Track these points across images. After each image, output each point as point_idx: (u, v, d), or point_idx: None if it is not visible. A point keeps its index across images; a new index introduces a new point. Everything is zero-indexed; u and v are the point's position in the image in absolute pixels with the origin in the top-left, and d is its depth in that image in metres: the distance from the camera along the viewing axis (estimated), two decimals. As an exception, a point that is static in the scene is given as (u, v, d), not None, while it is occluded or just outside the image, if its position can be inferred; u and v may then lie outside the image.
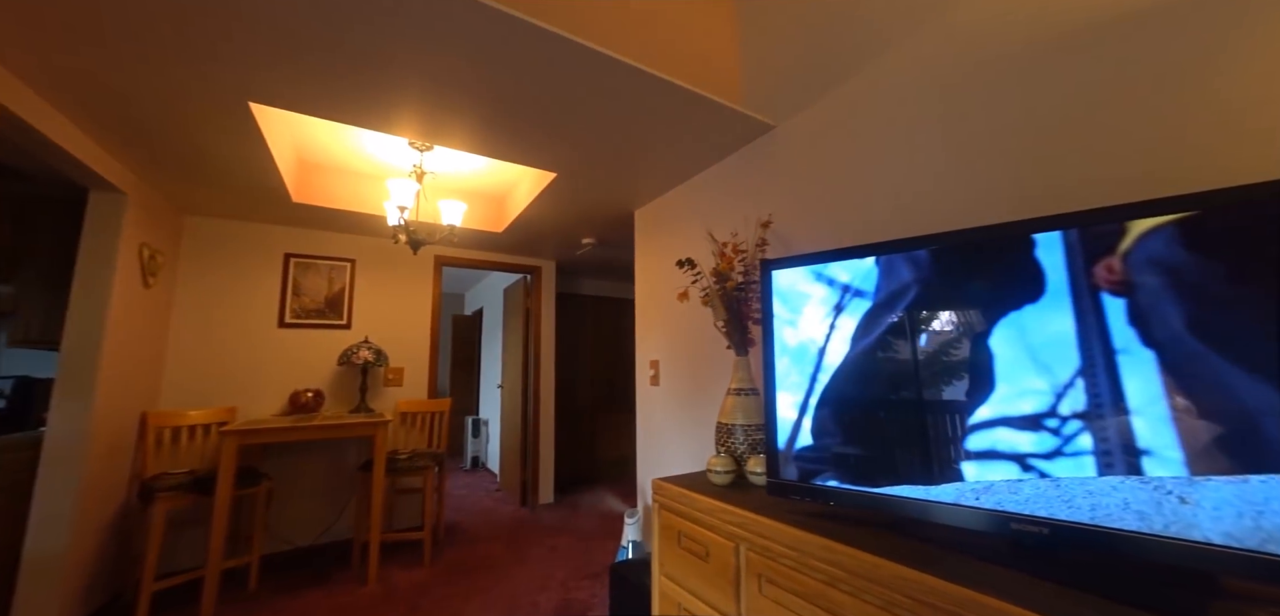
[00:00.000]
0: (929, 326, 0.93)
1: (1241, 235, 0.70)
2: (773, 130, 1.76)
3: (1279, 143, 0.77)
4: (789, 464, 1.06)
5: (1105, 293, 0.78)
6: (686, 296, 1.68)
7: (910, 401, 0.93)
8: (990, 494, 0.82)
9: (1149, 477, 0.70)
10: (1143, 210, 0.76)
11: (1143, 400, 0.72)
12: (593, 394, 5.13)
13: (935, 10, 1.24)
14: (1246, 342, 0.67)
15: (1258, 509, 0.63)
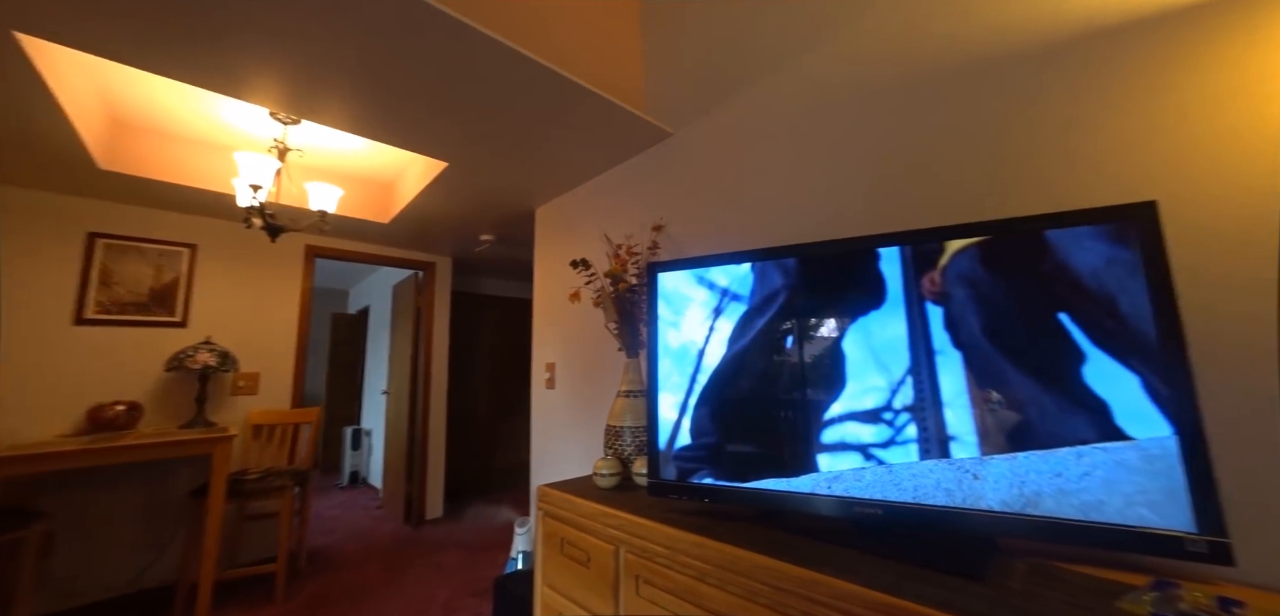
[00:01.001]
0: (794, 329, 1.01)
1: (1017, 257, 0.85)
2: (671, 137, 1.81)
3: (1059, 185, 0.95)
4: (669, 464, 1.07)
5: (929, 301, 0.90)
6: (578, 297, 1.65)
7: (777, 399, 1.00)
8: (840, 482, 0.90)
9: (955, 460, 0.82)
10: (954, 232, 0.89)
11: (952, 394, 0.84)
12: (492, 399, 4.88)
13: (816, 41, 1.36)
14: (1018, 345, 0.82)
15: (1022, 479, 0.77)
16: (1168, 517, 0.70)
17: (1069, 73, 0.93)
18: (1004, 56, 1.01)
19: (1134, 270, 0.77)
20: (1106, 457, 0.75)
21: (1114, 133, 0.88)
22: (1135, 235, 0.77)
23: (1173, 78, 0.83)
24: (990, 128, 1.02)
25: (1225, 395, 0.75)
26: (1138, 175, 0.85)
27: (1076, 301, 0.81)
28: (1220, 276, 0.77)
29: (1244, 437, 0.74)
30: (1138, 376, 0.75)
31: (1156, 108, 0.84)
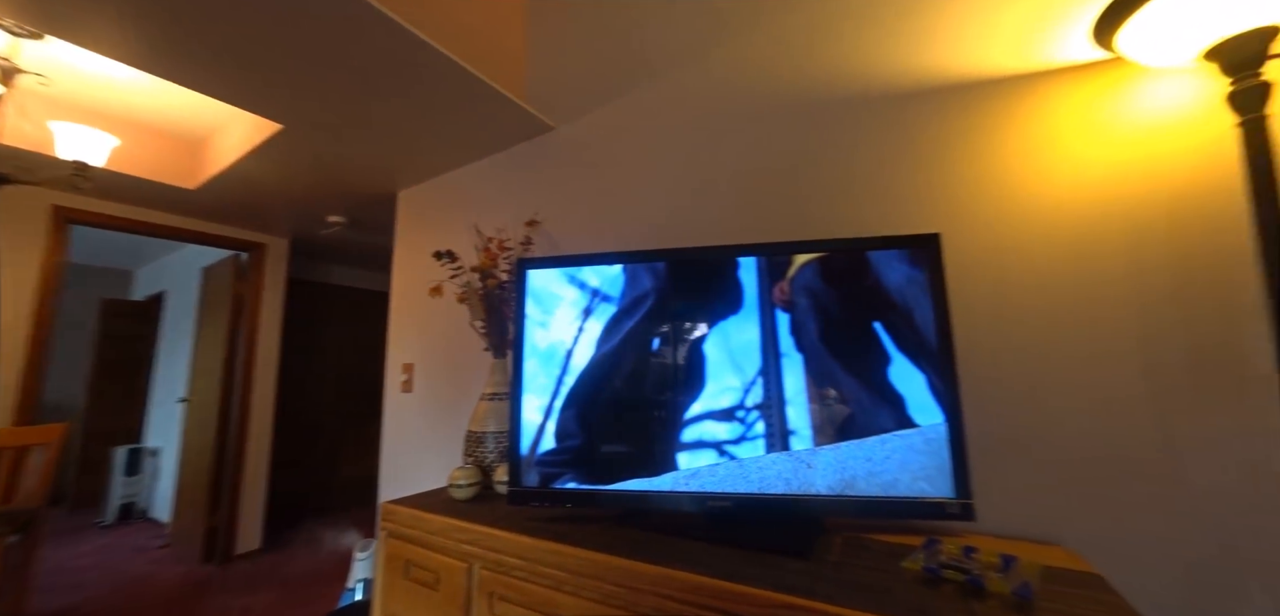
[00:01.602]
0: (661, 331, 1.03)
1: (847, 272, 0.99)
2: (553, 131, 1.76)
3: (876, 211, 1.12)
4: (531, 469, 1.02)
5: (779, 308, 0.99)
6: (440, 292, 1.50)
7: (641, 400, 1.01)
8: (696, 478, 0.94)
9: (793, 451, 0.91)
10: (800, 247, 1.00)
11: (794, 392, 0.94)
12: (341, 405, 4.23)
13: (693, 60, 1.43)
14: (845, 349, 0.95)
15: (843, 465, 0.89)
16: (938, 488, 0.86)
17: (881, 120, 1.11)
18: (834, 99, 1.17)
19: (925, 288, 0.94)
20: (902, 443, 0.90)
21: (913, 173, 1.07)
22: (925, 260, 0.95)
23: (955, 134, 1.03)
24: (826, 157, 1.18)
25: (976, 388, 0.96)
26: (930, 210, 1.05)
27: (887, 313, 0.96)
28: (979, 295, 0.98)
29: (983, 421, 0.94)
30: (924, 375, 0.92)
31: (943, 158, 1.04)
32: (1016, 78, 0.99)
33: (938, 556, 0.72)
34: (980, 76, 1.02)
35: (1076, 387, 0.88)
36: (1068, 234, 0.92)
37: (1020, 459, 0.91)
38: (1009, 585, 0.62)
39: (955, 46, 1.05)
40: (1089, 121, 0.92)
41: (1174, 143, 0.85)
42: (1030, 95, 0.97)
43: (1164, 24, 0.76)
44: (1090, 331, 0.88)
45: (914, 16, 1.09)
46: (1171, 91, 0.86)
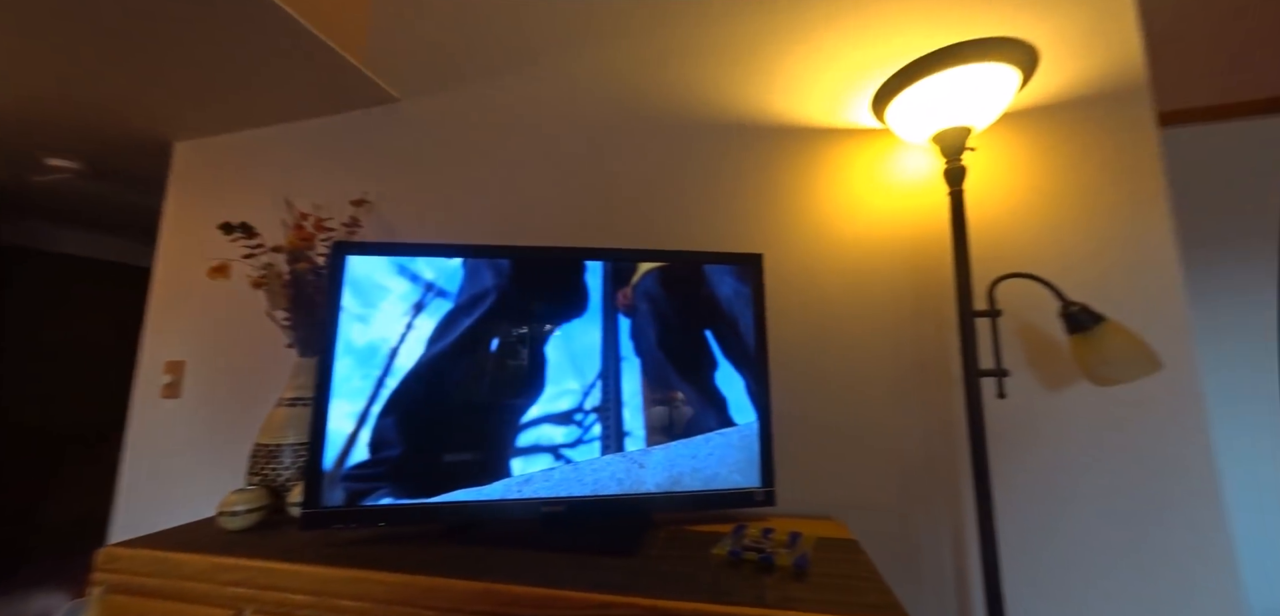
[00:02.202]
0: (501, 331, 0.98)
1: (684, 282, 1.06)
2: (395, 104, 1.56)
3: (712, 226, 1.22)
4: (336, 486, 0.87)
5: (621, 313, 1.02)
6: (225, 272, 1.21)
7: (476, 404, 0.94)
8: (530, 484, 0.91)
9: (628, 452, 0.95)
10: (645, 255, 1.05)
11: (630, 395, 0.97)
12: (69, 416, 3.14)
13: (563, 56, 1.40)
14: (679, 354, 1.02)
15: (672, 463, 0.95)
16: (749, 478, 0.98)
17: (724, 148, 1.23)
18: (686, 122, 1.27)
19: (748, 301, 1.07)
20: (723, 440, 1.00)
21: (743, 198, 1.20)
22: (750, 276, 1.07)
23: (781, 168, 1.19)
24: (673, 173, 1.26)
25: (781, 388, 1.11)
26: (757, 232, 1.19)
27: (716, 322, 1.06)
28: (791, 308, 1.15)
29: (785, 417, 1.10)
30: (744, 379, 1.04)
31: (770, 188, 1.19)
32: (829, 130, 1.19)
33: (742, 540, 0.81)
34: (805, 124, 1.20)
35: (848, 384, 1.08)
36: (855, 261, 1.13)
37: (807, 446, 1.08)
38: (791, 558, 0.73)
39: (788, 96, 1.22)
40: (872, 174, 1.15)
41: (917, 200, 1.10)
42: (837, 146, 1.18)
43: (908, 111, 0.98)
44: (862, 339, 1.09)
45: (761, 63, 1.24)
46: (917, 162, 1.11)
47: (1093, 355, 0.85)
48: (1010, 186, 1.06)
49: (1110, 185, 1.02)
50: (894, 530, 1.02)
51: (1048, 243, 1.03)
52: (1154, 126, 1.03)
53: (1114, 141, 1.04)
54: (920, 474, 1.02)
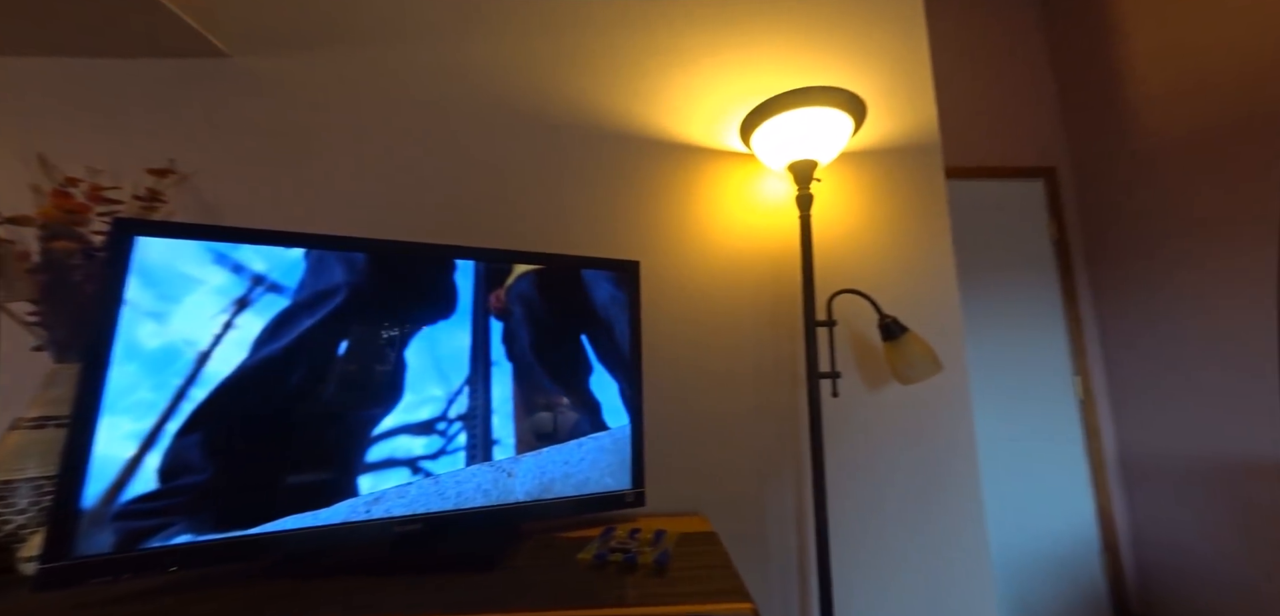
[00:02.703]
0: (352, 333, 0.87)
1: (561, 286, 1.05)
2: (226, 59, 1.30)
3: (590, 231, 1.23)
4: (102, 528, 0.69)
5: (493, 316, 0.97)
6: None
7: (316, 416, 0.82)
8: (381, 503, 0.82)
9: (496, 462, 0.91)
10: (521, 257, 1.02)
11: (500, 401, 0.93)
12: None
13: (439, 37, 1.29)
14: (553, 359, 1.01)
15: (543, 470, 0.94)
16: (621, 481, 1.00)
17: (605, 156, 1.25)
18: (568, 125, 1.26)
19: (624, 307, 1.10)
20: (595, 445, 1.01)
21: (623, 205, 1.23)
22: (626, 282, 1.10)
23: (662, 180, 1.24)
24: (551, 176, 1.24)
25: (654, 391, 1.16)
26: (637, 239, 1.23)
27: (592, 326, 1.07)
28: (664, 313, 1.20)
29: (655, 418, 1.15)
30: (618, 383, 1.06)
31: (650, 198, 1.24)
32: (707, 150, 1.27)
33: (609, 542, 0.83)
34: (686, 142, 1.27)
35: (714, 387, 1.17)
36: (725, 273, 1.22)
37: (676, 446, 1.14)
38: (653, 555, 0.76)
39: (673, 115, 1.28)
40: (741, 194, 1.25)
41: (776, 220, 1.24)
42: (714, 166, 1.26)
43: (769, 141, 1.10)
44: (729, 344, 1.19)
45: (649, 81, 1.28)
46: (777, 187, 1.25)
47: (899, 360, 1.03)
48: (846, 214, 1.25)
49: (913, 220, 1.26)
50: (750, 519, 1.12)
51: (872, 264, 1.23)
52: (943, 177, 1.30)
53: (916, 185, 1.28)
54: (772, 467, 1.15)
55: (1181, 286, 1.75)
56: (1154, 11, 1.84)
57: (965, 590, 1.13)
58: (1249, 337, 1.55)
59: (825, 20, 1.34)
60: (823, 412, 1.15)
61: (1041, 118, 2.22)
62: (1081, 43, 2.12)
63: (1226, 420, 1.61)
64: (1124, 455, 1.96)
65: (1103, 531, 1.92)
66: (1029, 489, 1.95)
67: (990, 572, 1.14)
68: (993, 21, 2.27)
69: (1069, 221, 2.12)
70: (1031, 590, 1.87)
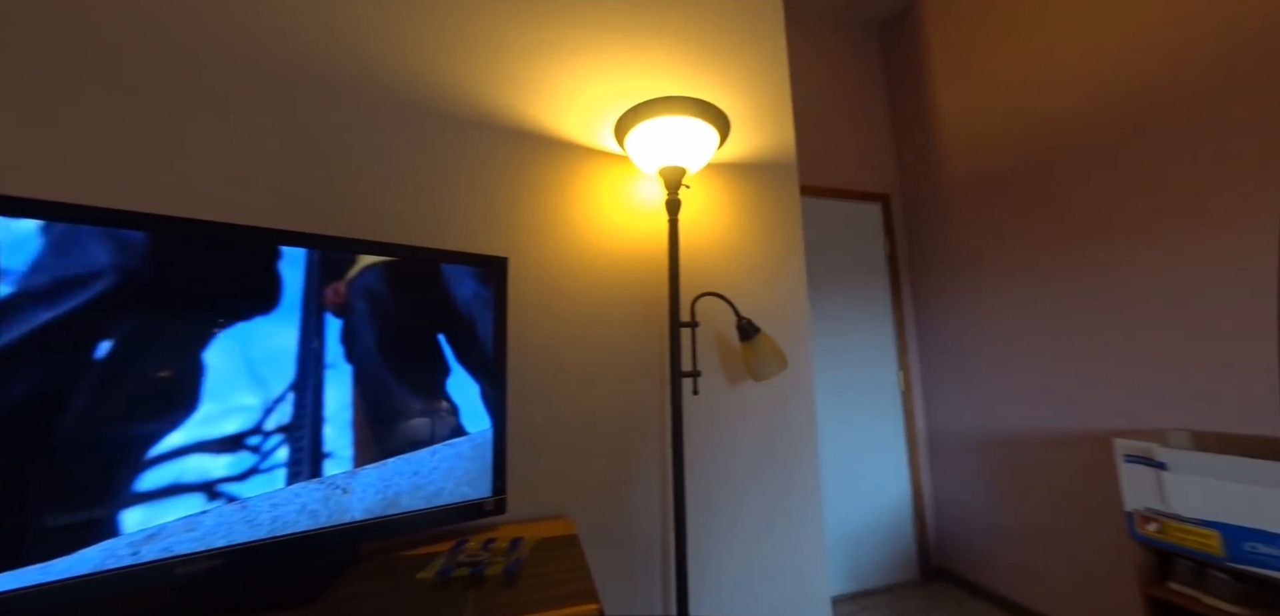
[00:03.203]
0: (119, 332, 0.70)
1: (418, 281, 0.96)
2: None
3: (452, 223, 1.14)
4: None
5: (329, 312, 0.85)
6: None
7: (61, 437, 0.64)
8: (157, 541, 0.67)
9: (326, 477, 0.80)
10: (369, 247, 0.90)
11: (336, 408, 0.82)
12: None
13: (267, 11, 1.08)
14: (405, 360, 0.92)
15: (388, 482, 0.85)
16: (479, 489, 0.95)
17: (473, 145, 1.17)
18: (431, 110, 1.16)
19: (489, 304, 1.04)
20: (451, 451, 0.94)
21: (491, 198, 1.17)
22: (492, 278, 1.04)
23: (534, 175, 1.20)
24: (407, 162, 1.13)
25: (520, 392, 1.12)
26: (504, 233, 1.17)
27: (452, 325, 0.99)
28: (533, 311, 1.16)
29: (521, 421, 1.11)
30: (479, 385, 1.00)
31: (520, 192, 1.19)
32: (583, 148, 1.25)
33: (457, 557, 0.77)
34: (562, 138, 1.24)
35: (584, 386, 1.16)
36: (598, 273, 1.22)
37: (544, 448, 1.11)
38: (504, 565, 0.72)
39: (550, 110, 1.23)
40: (617, 194, 1.26)
41: (649, 224, 1.27)
42: (589, 164, 1.25)
43: (642, 144, 1.13)
44: (600, 344, 1.19)
45: (525, 73, 1.22)
46: (650, 190, 1.28)
47: (753, 358, 1.12)
48: (712, 221, 1.33)
49: (771, 231, 1.39)
50: (616, 516, 1.14)
51: (733, 269, 1.33)
52: (798, 194, 1.45)
53: (774, 199, 1.41)
54: (638, 463, 1.18)
55: (967, 300, 2.19)
56: (953, 75, 2.27)
57: (804, 557, 1.27)
58: (1009, 341, 2.00)
59: (699, 38, 1.41)
60: (684, 409, 1.21)
61: (880, 150, 2.62)
62: (908, 92, 2.54)
63: (997, 404, 2.05)
64: (931, 435, 2.40)
65: (914, 499, 2.33)
66: (860, 466, 2.28)
67: (823, 540, 1.30)
68: (845, 63, 2.61)
69: (899, 241, 2.53)
70: (860, 552, 2.20)
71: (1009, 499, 2.04)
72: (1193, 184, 1.48)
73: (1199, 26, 1.48)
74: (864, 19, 2.69)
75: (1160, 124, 1.56)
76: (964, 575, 2.25)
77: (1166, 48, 1.55)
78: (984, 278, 2.16)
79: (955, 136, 2.32)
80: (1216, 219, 1.43)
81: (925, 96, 2.49)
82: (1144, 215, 1.59)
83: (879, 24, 2.76)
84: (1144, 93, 1.60)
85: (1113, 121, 1.68)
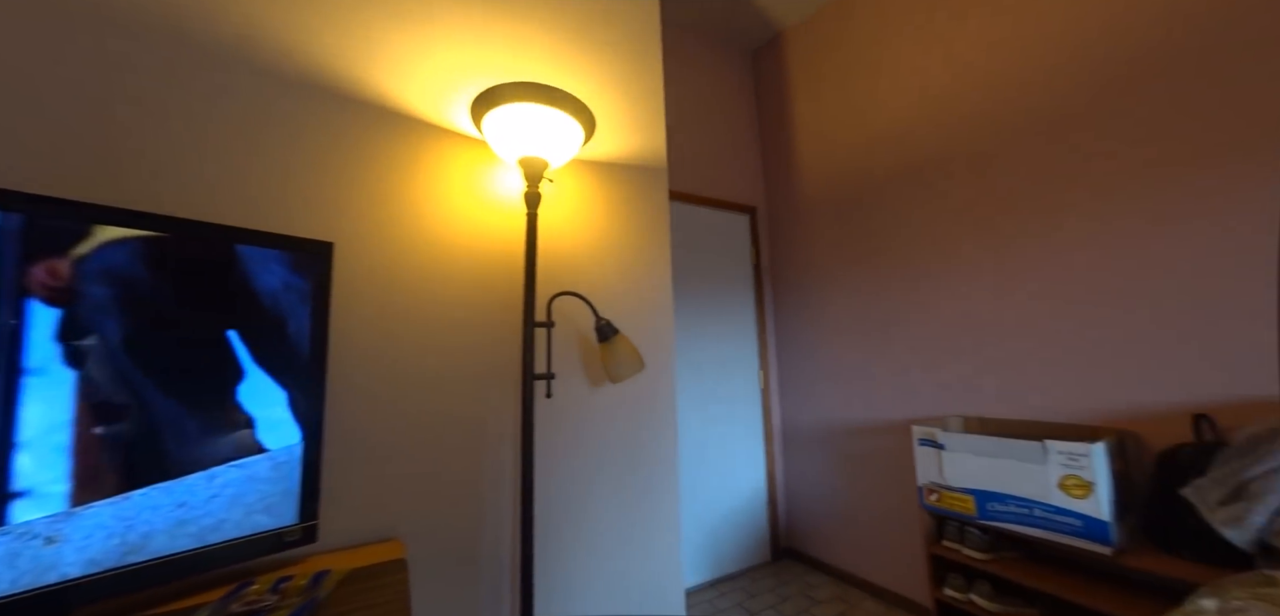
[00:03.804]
0: None
1: (199, 264, 0.77)
2: None
3: (249, 197, 0.94)
4: None
5: (39, 300, 0.64)
6: None
7: None
8: None
9: (17, 525, 0.59)
10: (116, 217, 0.70)
11: (40, 429, 0.61)
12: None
13: None
14: (172, 362, 0.73)
15: (130, 522, 0.66)
16: (280, 517, 0.79)
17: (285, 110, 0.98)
18: (231, 58, 0.95)
19: (305, 297, 0.87)
20: (241, 474, 0.77)
21: (310, 172, 0.99)
22: (311, 267, 0.88)
23: (367, 150, 1.04)
24: (211, 125, 0.91)
25: (342, 400, 0.96)
26: (330, 215, 1.00)
27: (250, 320, 0.81)
28: (363, 307, 1.01)
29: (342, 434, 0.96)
30: (287, 391, 0.83)
31: (351, 169, 1.02)
32: (431, 125, 1.12)
33: (228, 607, 0.63)
34: (407, 111, 1.09)
35: (427, 391, 1.05)
36: (451, 264, 1.10)
37: (373, 462, 0.97)
38: (292, 609, 0.60)
39: (391, 74, 1.08)
40: (471, 181, 1.16)
41: (507, 219, 1.19)
42: (439, 144, 1.13)
43: (502, 129, 1.05)
44: (446, 345, 1.08)
45: (363, 27, 1.05)
46: (509, 180, 1.21)
47: (611, 360, 1.11)
48: (577, 219, 1.30)
49: (638, 233, 1.40)
50: (461, 532, 1.04)
51: (597, 269, 1.31)
52: (667, 198, 1.49)
53: (644, 202, 1.42)
54: (487, 472, 1.09)
55: (815, 308, 2.49)
56: (808, 103, 2.56)
57: (659, 554, 1.31)
58: (845, 344, 2.31)
59: (572, 26, 1.37)
60: (540, 413, 1.15)
61: (751, 166, 2.84)
62: (774, 114, 2.80)
63: (834, 399, 2.36)
64: (785, 429, 2.67)
65: (768, 487, 2.58)
66: (723, 460, 2.45)
67: (678, 537, 1.35)
68: (724, 82, 2.79)
69: (764, 250, 2.77)
70: (720, 541, 2.36)
71: (841, 481, 2.35)
72: (974, 220, 1.84)
73: (978, 95, 1.84)
74: (740, 44, 2.90)
75: (947, 170, 1.92)
76: (807, 552, 2.54)
77: (957, 107, 1.91)
78: (827, 288, 2.46)
79: (809, 159, 2.60)
80: (988, 249, 1.80)
81: (787, 120, 2.76)
82: (940, 241, 1.94)
83: (753, 50, 2.99)
84: (946, 139, 1.95)
85: (925, 160, 2.02)
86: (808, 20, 2.63)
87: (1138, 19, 1.45)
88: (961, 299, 1.86)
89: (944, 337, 1.91)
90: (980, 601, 1.52)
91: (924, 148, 2.02)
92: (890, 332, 2.12)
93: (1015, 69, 1.74)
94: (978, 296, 1.81)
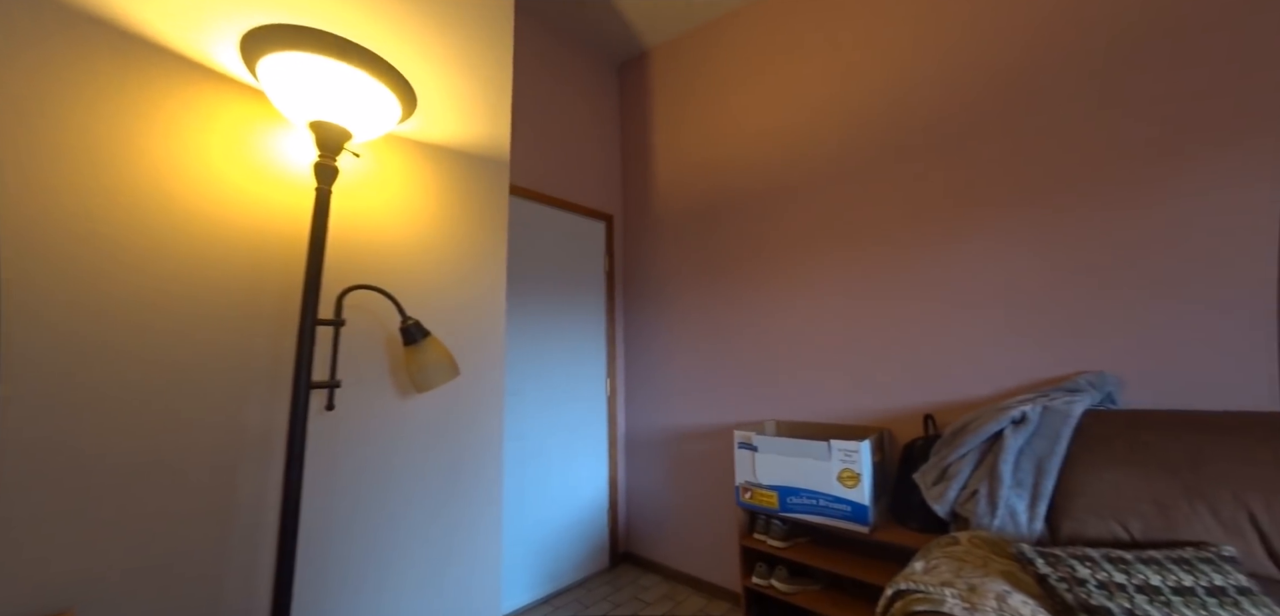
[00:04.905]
0: None
1: None
2: None
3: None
4: None
5: None
6: None
7: None
8: None
9: None
10: None
11: None
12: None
13: None
14: None
15: None
16: None
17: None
18: None
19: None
20: None
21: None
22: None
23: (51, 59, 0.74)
24: None
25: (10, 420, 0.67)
26: None
27: None
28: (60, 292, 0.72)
29: None
30: None
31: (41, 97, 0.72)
32: (181, 58, 0.86)
33: None
34: (141, 32, 0.82)
35: (148, 398, 0.79)
36: (199, 241, 0.85)
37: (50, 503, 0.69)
38: None
39: None
40: (236, 146, 0.92)
41: (290, 194, 0.98)
42: (192, 87, 0.87)
43: (284, 80, 0.85)
44: (187, 340, 0.83)
45: None
46: (296, 145, 0.99)
47: (416, 365, 0.98)
48: (393, 203, 1.13)
49: (470, 226, 1.28)
50: (189, 584, 0.80)
51: (417, 264, 1.16)
52: (506, 194, 1.39)
53: (480, 194, 1.31)
54: (241, 502, 0.87)
55: (658, 318, 2.62)
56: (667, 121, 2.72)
57: (476, 580, 1.19)
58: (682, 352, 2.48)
59: (401, -14, 1.20)
60: (317, 428, 0.96)
61: (610, 174, 2.88)
62: (635, 128, 2.90)
63: (671, 405, 2.50)
64: (628, 435, 2.74)
65: (610, 492, 2.61)
66: (566, 469, 2.42)
67: (499, 559, 1.25)
68: (591, 91, 2.79)
69: (617, 258, 2.82)
70: (562, 550, 2.32)
71: (675, 484, 2.49)
72: (796, 247, 2.12)
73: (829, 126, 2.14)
74: (607, 54, 2.94)
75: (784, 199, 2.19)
76: (642, 555, 2.63)
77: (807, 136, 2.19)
78: (674, 299, 2.61)
79: (666, 173, 2.74)
80: (801, 274, 2.08)
81: (646, 135, 2.87)
82: (766, 262, 2.19)
83: (619, 64, 3.05)
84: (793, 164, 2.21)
85: (765, 187, 2.27)
86: (673, 41, 2.77)
87: (962, 78, 1.84)
88: (784, 315, 2.13)
89: (769, 349, 2.16)
90: (778, 585, 1.73)
91: (777, 171, 2.25)
92: (729, 343, 2.33)
93: (834, 116, 2.06)
94: (795, 314, 2.09)
